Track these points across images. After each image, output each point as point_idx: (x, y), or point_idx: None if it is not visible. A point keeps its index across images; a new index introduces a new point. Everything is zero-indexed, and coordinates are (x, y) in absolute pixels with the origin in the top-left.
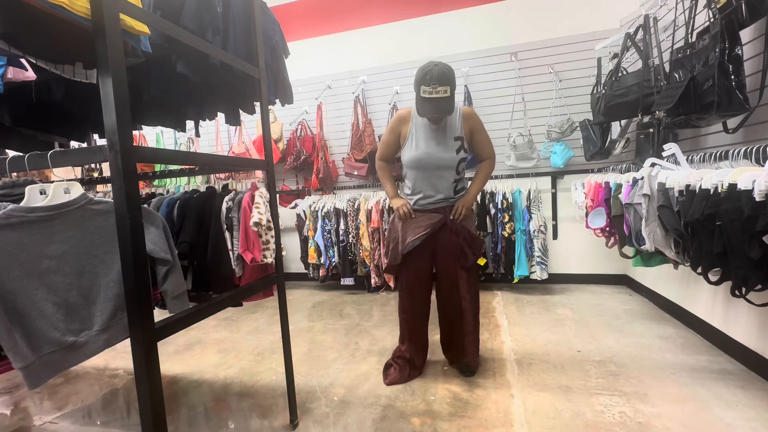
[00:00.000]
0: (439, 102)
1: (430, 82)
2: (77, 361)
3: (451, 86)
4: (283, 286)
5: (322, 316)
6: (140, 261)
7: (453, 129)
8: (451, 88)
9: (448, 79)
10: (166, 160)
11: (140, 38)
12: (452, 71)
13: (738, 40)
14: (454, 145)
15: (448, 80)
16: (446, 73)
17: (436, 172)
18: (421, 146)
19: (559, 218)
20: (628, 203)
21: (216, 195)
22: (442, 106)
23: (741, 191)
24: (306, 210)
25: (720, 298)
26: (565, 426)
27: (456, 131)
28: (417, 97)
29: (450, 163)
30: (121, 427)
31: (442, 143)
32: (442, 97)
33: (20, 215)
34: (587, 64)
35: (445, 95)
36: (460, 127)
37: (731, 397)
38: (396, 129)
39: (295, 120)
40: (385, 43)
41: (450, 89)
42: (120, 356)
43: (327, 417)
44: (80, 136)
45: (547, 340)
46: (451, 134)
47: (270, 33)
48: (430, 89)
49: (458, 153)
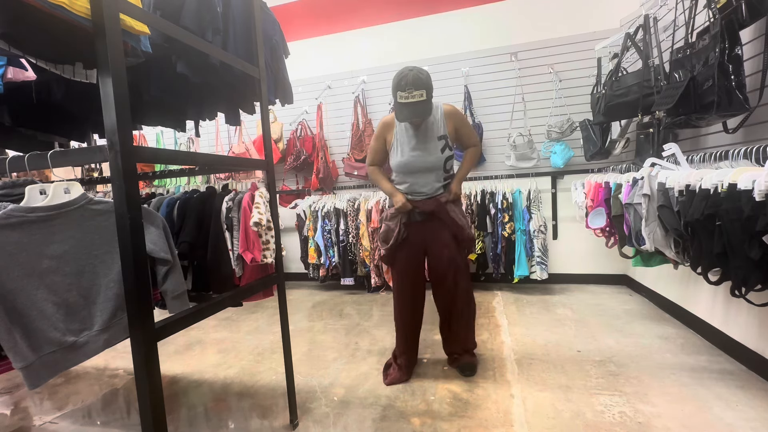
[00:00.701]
0: (416, 106)
1: (406, 87)
2: (77, 361)
3: (427, 90)
4: (283, 286)
5: (322, 316)
6: (140, 261)
7: (436, 129)
8: (427, 92)
9: (422, 83)
10: (166, 160)
11: (140, 38)
12: (427, 75)
13: (738, 40)
14: (438, 145)
15: (423, 84)
16: (421, 78)
17: (424, 174)
18: (406, 151)
19: (559, 218)
20: (628, 203)
21: (216, 195)
22: (419, 110)
23: (741, 191)
24: (306, 210)
25: (720, 298)
26: (565, 426)
27: (439, 131)
28: (395, 102)
29: (436, 164)
30: (121, 427)
31: (426, 145)
32: (418, 101)
33: (20, 215)
34: (587, 64)
35: (421, 99)
36: (443, 126)
37: (731, 397)
38: (381, 135)
39: (295, 120)
40: (385, 43)
41: (426, 93)
42: (120, 356)
43: (327, 417)
44: (80, 136)
45: (547, 340)
46: (433, 135)
47: (270, 33)
48: (405, 94)
49: (443, 152)
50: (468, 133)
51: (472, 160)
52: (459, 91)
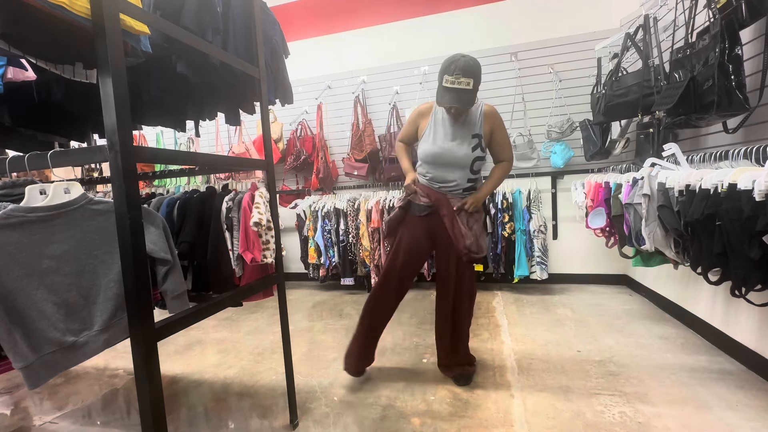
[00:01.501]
0: (460, 93)
1: (454, 72)
2: (77, 361)
3: (475, 80)
4: (283, 286)
5: (322, 316)
6: (140, 261)
7: (472, 125)
8: (475, 82)
9: (472, 72)
10: (166, 160)
11: (140, 38)
12: (479, 65)
13: (738, 40)
14: (471, 142)
15: (472, 73)
16: (472, 66)
17: (450, 169)
18: (438, 141)
19: (559, 218)
20: (628, 203)
21: (216, 195)
22: (462, 98)
23: (741, 191)
24: (306, 210)
25: (720, 298)
26: (565, 426)
27: (475, 128)
28: (438, 86)
29: (464, 160)
30: (121, 427)
31: (459, 139)
32: (463, 89)
33: (20, 215)
34: (587, 64)
35: (467, 87)
36: (479, 125)
37: (731, 397)
38: (415, 122)
39: (295, 120)
40: (385, 43)
41: (473, 83)
42: (120, 356)
43: (327, 417)
44: (80, 136)
45: (547, 340)
46: (469, 131)
47: (270, 33)
48: (452, 79)
49: (474, 150)
50: (502, 140)
51: (500, 176)
52: None
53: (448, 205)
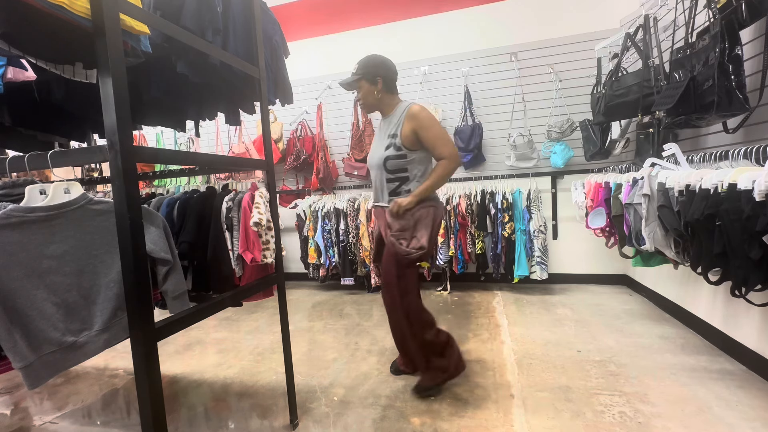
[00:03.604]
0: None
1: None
2: (77, 361)
3: (360, 68)
4: (283, 286)
5: (322, 316)
6: (140, 261)
7: (392, 126)
8: (360, 69)
9: (364, 63)
10: (166, 160)
11: (140, 38)
12: (377, 62)
13: (738, 40)
14: (386, 142)
15: (363, 64)
16: (368, 59)
17: (373, 170)
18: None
19: (559, 218)
20: (628, 203)
21: (216, 195)
22: (345, 82)
23: (741, 191)
24: (306, 210)
25: (720, 298)
26: (565, 426)
27: (391, 128)
28: None
29: (379, 160)
30: (121, 427)
31: (379, 141)
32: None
33: (20, 215)
34: (587, 64)
35: (353, 73)
36: (399, 125)
37: (731, 397)
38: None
39: (295, 120)
40: (385, 43)
41: (358, 69)
42: (120, 356)
43: (327, 417)
44: (80, 136)
45: (547, 340)
46: (386, 132)
47: (270, 33)
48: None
49: (386, 150)
50: (431, 138)
51: (440, 173)
52: (459, 90)
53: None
